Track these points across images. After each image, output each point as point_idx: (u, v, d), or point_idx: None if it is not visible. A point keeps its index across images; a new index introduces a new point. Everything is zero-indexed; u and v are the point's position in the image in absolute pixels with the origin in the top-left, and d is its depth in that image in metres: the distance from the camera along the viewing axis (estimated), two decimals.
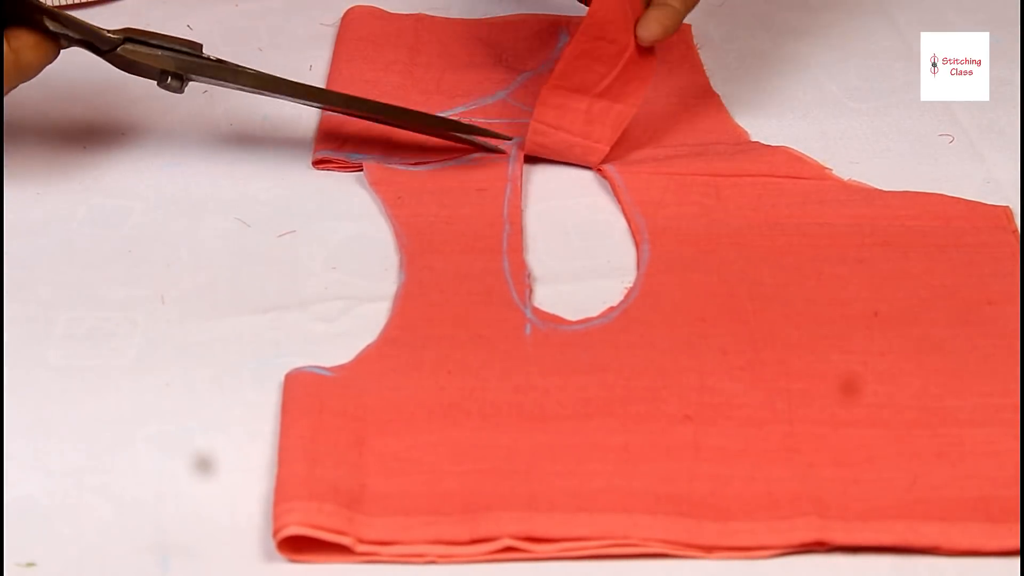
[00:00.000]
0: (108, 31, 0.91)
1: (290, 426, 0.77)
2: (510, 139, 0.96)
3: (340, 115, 0.98)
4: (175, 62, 0.91)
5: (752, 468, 0.75)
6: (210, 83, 0.93)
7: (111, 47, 0.91)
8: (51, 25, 0.88)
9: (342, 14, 1.10)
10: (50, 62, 0.89)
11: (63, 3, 1.10)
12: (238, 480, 0.75)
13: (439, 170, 0.96)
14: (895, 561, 0.73)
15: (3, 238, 0.84)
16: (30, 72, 0.88)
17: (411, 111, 0.96)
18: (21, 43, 0.87)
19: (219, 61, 0.92)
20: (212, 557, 0.72)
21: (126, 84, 1.02)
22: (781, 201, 0.92)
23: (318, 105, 0.96)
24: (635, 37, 0.94)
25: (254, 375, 0.81)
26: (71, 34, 0.89)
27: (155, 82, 0.92)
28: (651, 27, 0.94)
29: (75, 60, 1.05)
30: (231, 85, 0.93)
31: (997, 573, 0.72)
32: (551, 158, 0.96)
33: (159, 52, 0.91)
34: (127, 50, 0.91)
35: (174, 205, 0.93)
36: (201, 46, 0.92)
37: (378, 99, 1.01)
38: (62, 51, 0.90)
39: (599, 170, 0.96)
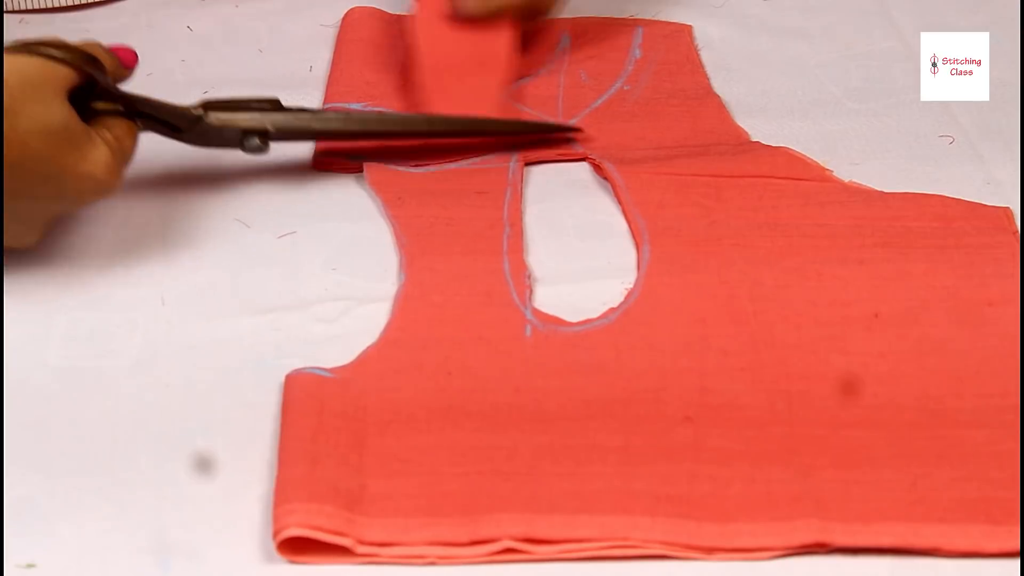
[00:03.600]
0: (187, 106, 0.90)
1: (290, 427, 0.77)
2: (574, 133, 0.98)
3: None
4: (268, 120, 0.90)
5: (752, 469, 0.75)
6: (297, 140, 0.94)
7: (194, 121, 0.90)
8: (129, 111, 0.87)
9: (342, 15, 1.10)
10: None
11: (64, 4, 1.10)
12: (238, 480, 0.75)
13: (439, 172, 0.96)
14: (895, 562, 0.73)
15: (3, 238, 0.84)
16: (130, 157, 0.87)
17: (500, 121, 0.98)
18: (120, 131, 0.86)
19: (302, 109, 0.92)
20: (212, 557, 0.72)
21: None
22: (782, 202, 0.92)
23: (408, 134, 0.96)
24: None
25: (254, 376, 0.81)
26: (149, 116, 0.88)
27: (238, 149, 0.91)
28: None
29: None
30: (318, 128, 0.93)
31: (997, 574, 0.72)
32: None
33: (245, 114, 0.90)
34: (213, 118, 0.90)
35: (174, 205, 0.93)
36: (279, 100, 0.91)
37: (378, 100, 1.01)
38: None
39: (599, 170, 0.96)
